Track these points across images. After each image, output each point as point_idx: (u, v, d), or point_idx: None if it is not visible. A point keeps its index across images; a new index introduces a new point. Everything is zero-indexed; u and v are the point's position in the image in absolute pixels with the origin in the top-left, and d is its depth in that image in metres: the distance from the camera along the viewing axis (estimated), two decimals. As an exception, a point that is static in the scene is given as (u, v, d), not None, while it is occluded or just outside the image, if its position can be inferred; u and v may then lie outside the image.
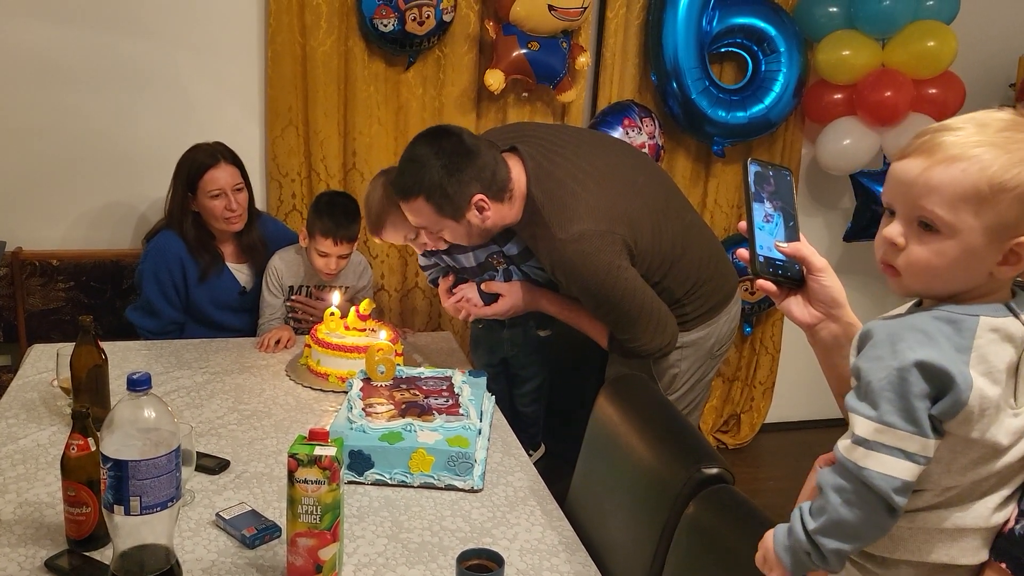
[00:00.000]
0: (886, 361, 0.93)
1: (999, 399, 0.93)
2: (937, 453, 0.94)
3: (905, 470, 0.92)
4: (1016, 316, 0.96)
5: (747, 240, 1.08)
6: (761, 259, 1.07)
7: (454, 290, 2.21)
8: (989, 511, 0.97)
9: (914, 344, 0.92)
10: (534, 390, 2.41)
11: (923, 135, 0.97)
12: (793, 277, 1.09)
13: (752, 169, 1.10)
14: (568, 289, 2.06)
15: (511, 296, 2.15)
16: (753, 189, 1.09)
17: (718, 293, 2.14)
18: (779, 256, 1.08)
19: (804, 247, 1.08)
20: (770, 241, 1.08)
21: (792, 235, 1.10)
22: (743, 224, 1.09)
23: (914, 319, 0.96)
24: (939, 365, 0.91)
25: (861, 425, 0.94)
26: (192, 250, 2.50)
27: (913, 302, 1.03)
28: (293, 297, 2.58)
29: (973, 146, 0.92)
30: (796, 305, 1.10)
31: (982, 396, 0.92)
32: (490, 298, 2.17)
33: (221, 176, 2.46)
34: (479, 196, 1.93)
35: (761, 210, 1.09)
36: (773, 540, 1.01)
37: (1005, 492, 0.98)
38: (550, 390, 2.45)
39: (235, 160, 2.52)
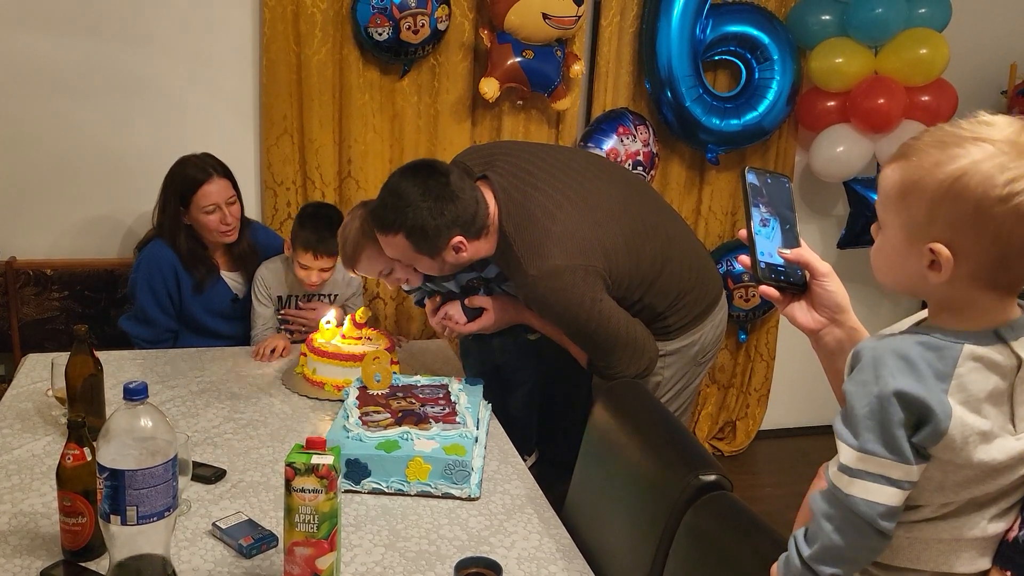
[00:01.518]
0: (869, 387, 0.94)
1: (990, 427, 0.93)
2: (928, 473, 0.94)
3: (890, 496, 0.93)
4: (1006, 343, 0.94)
5: (748, 248, 1.08)
6: (763, 265, 1.08)
7: (438, 308, 2.20)
8: (986, 522, 0.97)
9: (895, 371, 0.92)
10: (526, 394, 2.41)
11: None
12: (796, 283, 1.09)
13: (749, 178, 1.11)
14: (544, 319, 2.06)
15: (495, 311, 2.14)
16: (751, 197, 1.10)
17: (702, 302, 2.13)
18: (780, 262, 1.08)
19: (807, 252, 1.09)
20: (771, 247, 1.08)
21: (791, 240, 1.10)
22: (744, 232, 1.09)
23: (899, 343, 0.95)
24: (918, 396, 0.91)
25: (845, 453, 0.95)
26: (186, 262, 2.49)
27: (915, 320, 1.03)
28: (283, 311, 2.57)
29: (916, 149, 0.95)
30: (800, 310, 1.10)
31: (963, 424, 0.92)
32: (475, 313, 2.16)
33: (215, 191, 2.44)
34: (459, 239, 1.93)
35: (759, 217, 1.09)
36: (777, 571, 1.02)
37: (1004, 504, 0.98)
38: (541, 394, 2.45)
39: (226, 173, 2.50)
